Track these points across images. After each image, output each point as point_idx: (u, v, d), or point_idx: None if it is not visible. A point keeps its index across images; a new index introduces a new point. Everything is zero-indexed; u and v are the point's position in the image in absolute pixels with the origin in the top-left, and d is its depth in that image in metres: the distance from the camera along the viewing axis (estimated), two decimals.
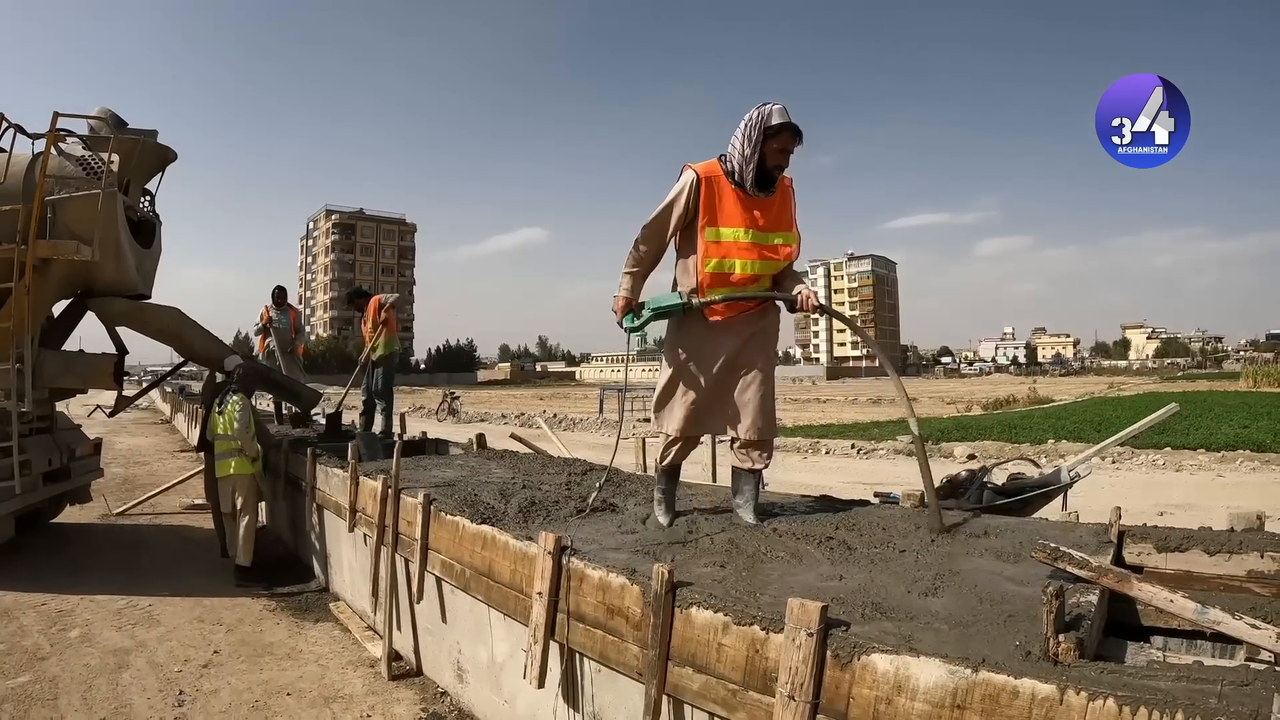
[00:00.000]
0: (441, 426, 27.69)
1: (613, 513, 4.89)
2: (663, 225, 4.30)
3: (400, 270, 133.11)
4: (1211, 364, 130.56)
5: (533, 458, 7.83)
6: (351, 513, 6.55)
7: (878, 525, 4.30)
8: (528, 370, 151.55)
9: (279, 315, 12.93)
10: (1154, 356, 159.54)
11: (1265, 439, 17.88)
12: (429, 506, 5.06)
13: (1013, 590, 3.08)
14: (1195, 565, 3.48)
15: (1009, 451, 18.13)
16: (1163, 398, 38.18)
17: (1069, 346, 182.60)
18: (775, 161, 4.18)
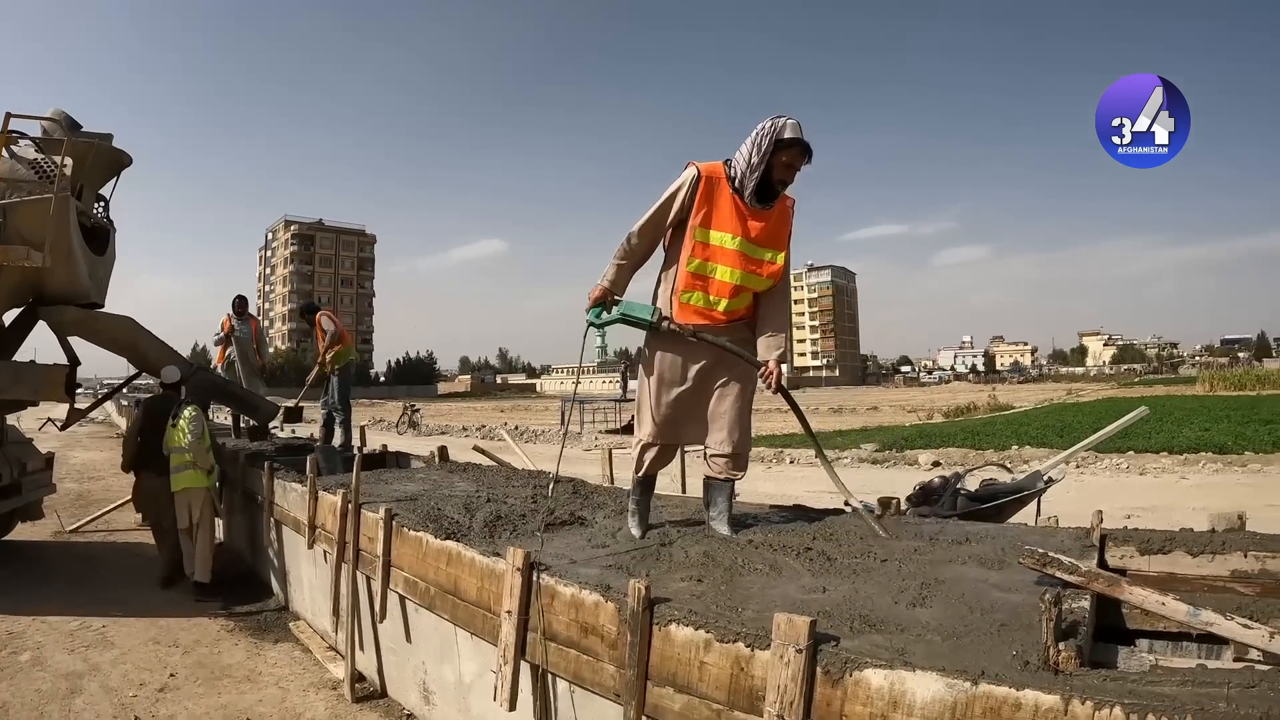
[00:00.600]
0: (402, 439, 27.44)
1: (581, 526, 4.76)
2: (659, 219, 4.23)
3: (360, 282, 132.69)
4: (1167, 369, 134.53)
5: (497, 470, 7.67)
6: (310, 529, 6.36)
7: (855, 535, 4.23)
8: (488, 383, 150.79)
9: (240, 325, 12.64)
10: (1111, 363, 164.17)
11: (1226, 441, 18.31)
12: (391, 522, 4.90)
13: (1000, 598, 3.02)
14: (1178, 567, 3.47)
15: (973, 458, 18.21)
16: (1122, 403, 38.93)
17: (1027, 354, 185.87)
18: (781, 176, 4.12)
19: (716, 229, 4.13)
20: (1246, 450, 17.45)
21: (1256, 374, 60.74)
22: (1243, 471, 15.86)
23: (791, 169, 4.12)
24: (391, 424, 35.93)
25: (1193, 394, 48.33)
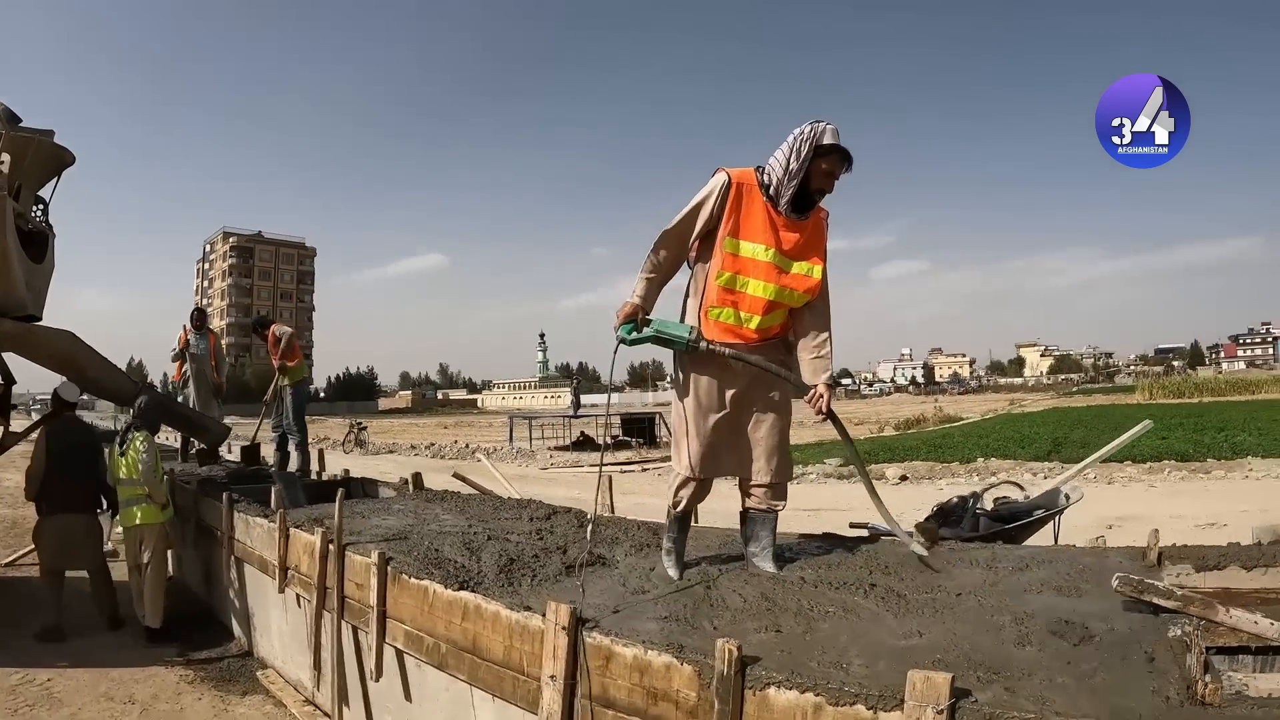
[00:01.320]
0: (349, 459, 26.69)
1: (605, 566, 4.33)
2: (687, 227, 3.92)
3: (299, 295, 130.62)
4: (1104, 379, 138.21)
5: (480, 500, 7.16)
6: (282, 571, 5.79)
7: (909, 566, 3.95)
8: (429, 398, 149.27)
9: (197, 340, 11.88)
10: (1048, 373, 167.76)
11: (1186, 449, 18.69)
12: (385, 567, 4.38)
13: (1100, 628, 2.87)
14: (1233, 582, 3.36)
15: (939, 471, 18.21)
16: (1067, 412, 39.73)
17: (965, 366, 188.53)
18: (819, 184, 3.85)
19: (748, 239, 3.86)
20: (1209, 458, 17.80)
21: (1194, 382, 62.96)
22: (1208, 478, 16.12)
23: (831, 177, 3.86)
24: (337, 442, 35.08)
25: (1134, 403, 49.24)
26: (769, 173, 3.86)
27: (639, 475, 20.37)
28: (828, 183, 3.86)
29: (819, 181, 3.83)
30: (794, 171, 3.78)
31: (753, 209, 3.84)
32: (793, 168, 3.78)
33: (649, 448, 29.55)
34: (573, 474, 22.39)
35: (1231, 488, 14.78)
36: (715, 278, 3.86)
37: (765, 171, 3.88)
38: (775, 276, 3.86)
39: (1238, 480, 15.62)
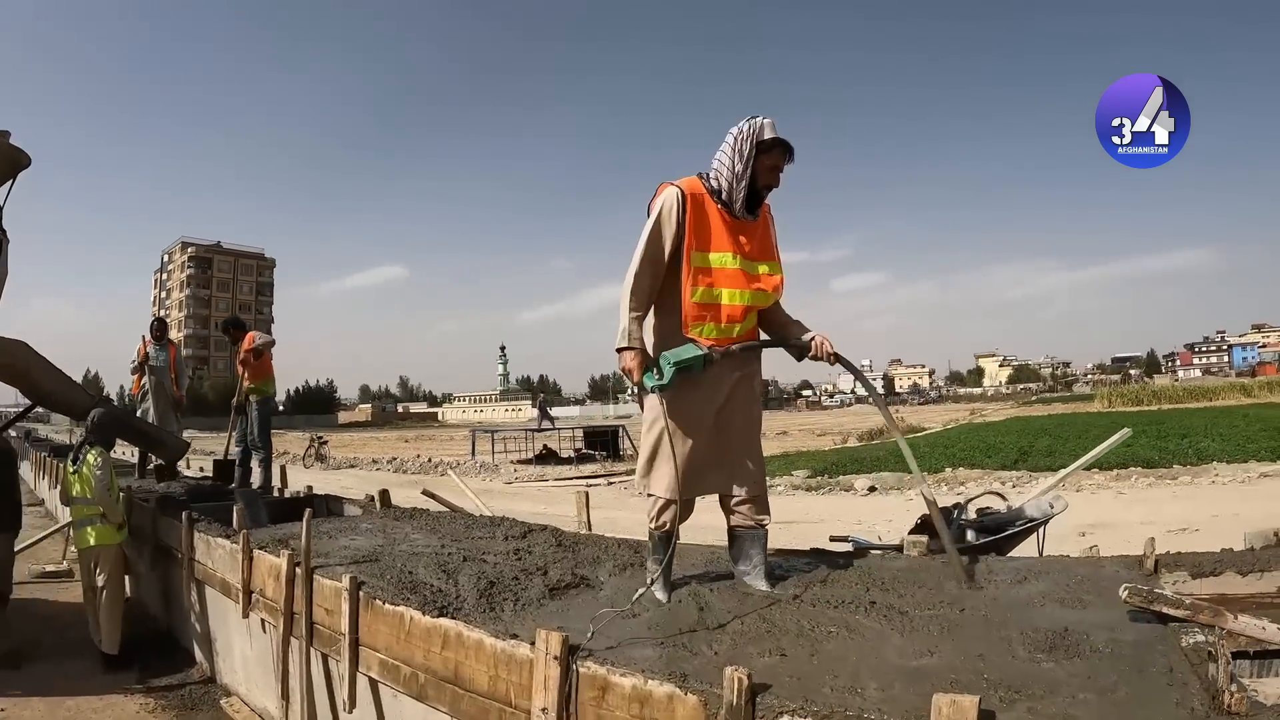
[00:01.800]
0: (310, 474, 26.27)
1: (589, 589, 4.17)
2: (658, 253, 3.79)
3: (258, 307, 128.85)
4: (1062, 387, 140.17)
5: (451, 518, 6.91)
6: (245, 594, 5.52)
7: (908, 581, 3.86)
8: (389, 411, 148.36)
9: (157, 352, 11.49)
10: (1007, 383, 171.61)
11: (1151, 456, 18.83)
12: (358, 593, 4.16)
13: (1111, 638, 2.84)
14: (1229, 587, 3.45)
15: (908, 482, 18.14)
16: (1029, 421, 40.12)
17: (925, 376, 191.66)
18: (766, 181, 3.84)
19: (714, 250, 3.79)
20: (1174, 464, 17.95)
21: (1152, 390, 64.08)
22: (1174, 484, 16.21)
23: (776, 171, 3.86)
24: (297, 456, 34.33)
25: (1094, 411, 49.87)
26: (715, 178, 3.82)
27: (605, 489, 20.19)
28: (773, 178, 3.85)
29: (765, 178, 3.82)
30: (740, 172, 3.75)
31: (710, 218, 3.79)
32: (738, 169, 3.75)
33: (613, 460, 29.42)
34: (538, 488, 22.12)
35: (1199, 493, 14.95)
36: (690, 295, 3.75)
37: (710, 177, 3.84)
38: (746, 282, 3.82)
39: (1204, 486, 15.77)
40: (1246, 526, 10.63)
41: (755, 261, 3.85)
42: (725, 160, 3.78)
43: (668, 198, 3.76)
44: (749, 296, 3.82)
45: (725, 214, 3.78)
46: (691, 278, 3.73)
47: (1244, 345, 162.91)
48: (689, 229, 3.72)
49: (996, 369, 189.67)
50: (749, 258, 3.82)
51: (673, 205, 3.74)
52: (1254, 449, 19.21)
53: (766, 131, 3.75)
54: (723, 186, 3.78)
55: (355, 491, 9.46)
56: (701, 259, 3.74)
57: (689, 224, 3.72)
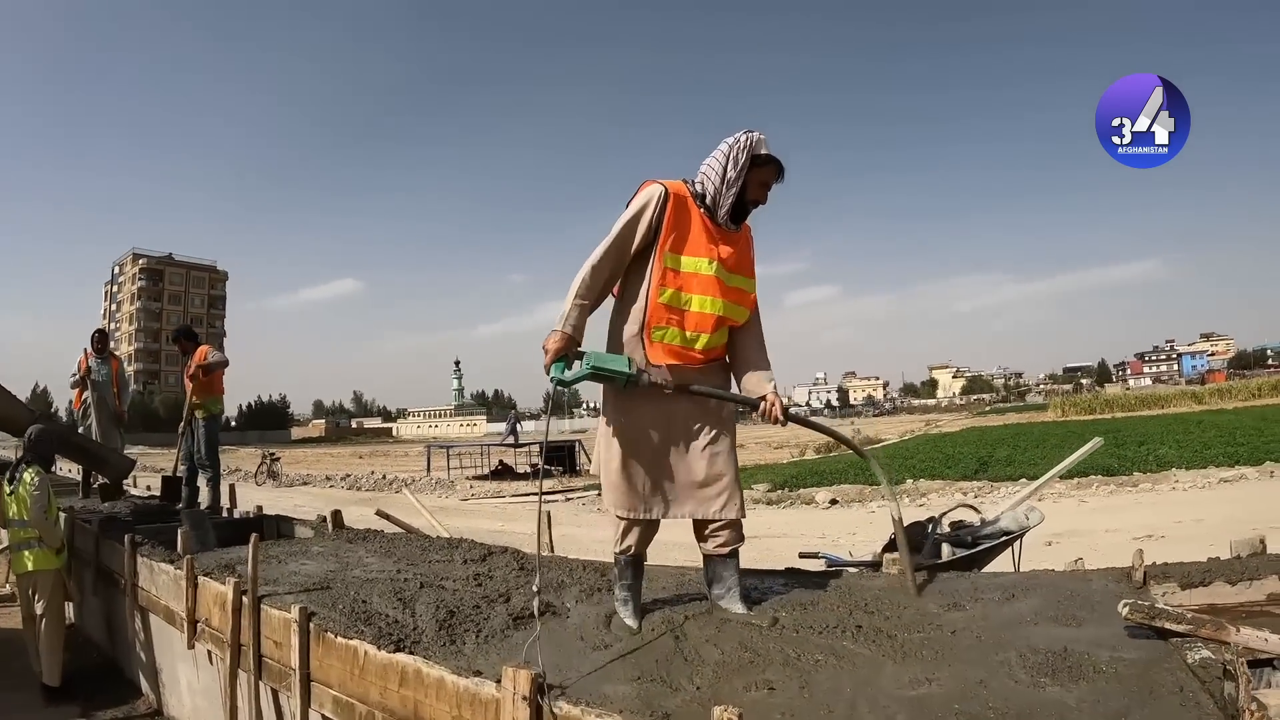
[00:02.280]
0: (261, 491, 25.77)
1: (554, 616, 3.92)
2: (625, 244, 3.62)
3: (210, 320, 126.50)
4: (1015, 397, 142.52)
5: (407, 539, 6.61)
6: (190, 624, 5.21)
7: (891, 601, 3.70)
8: (343, 427, 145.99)
9: (99, 365, 11.01)
10: (961, 394, 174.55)
11: (1111, 463, 18.96)
12: (308, 625, 3.89)
13: (1113, 657, 2.73)
14: (1218, 597, 3.38)
15: (869, 494, 18.20)
16: (985, 431, 40.67)
17: (879, 388, 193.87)
18: (755, 195, 3.71)
19: (690, 254, 3.63)
20: (1134, 471, 18.20)
21: (1104, 399, 64.94)
22: (1135, 491, 16.44)
23: (765, 188, 3.73)
24: (249, 473, 33.78)
25: (1048, 420, 50.57)
26: (703, 183, 3.69)
27: (563, 505, 20.00)
28: (762, 194, 3.73)
29: (754, 193, 3.70)
30: (732, 180, 3.63)
31: (691, 221, 3.65)
32: (730, 176, 3.62)
33: (570, 475, 29.17)
34: (494, 505, 21.83)
35: (1160, 499, 15.15)
36: (657, 295, 3.59)
37: (696, 183, 3.71)
38: (720, 291, 3.65)
39: (1165, 492, 15.98)
40: (1211, 532, 10.79)
41: (733, 274, 3.70)
42: (717, 167, 3.65)
43: (650, 194, 3.62)
44: (722, 306, 3.65)
45: (707, 219, 3.65)
46: (661, 278, 3.58)
47: (1193, 354, 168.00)
48: (666, 228, 3.58)
49: (950, 380, 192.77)
50: (726, 268, 3.67)
51: (654, 200, 3.59)
52: (1211, 455, 19.50)
53: (763, 147, 3.64)
54: (709, 192, 3.65)
55: (308, 510, 9.15)
56: (674, 260, 3.59)
57: (667, 223, 3.58)
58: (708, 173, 3.67)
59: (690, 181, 3.71)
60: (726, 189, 3.61)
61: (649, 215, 3.58)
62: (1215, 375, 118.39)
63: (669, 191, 3.60)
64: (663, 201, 3.58)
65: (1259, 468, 17.55)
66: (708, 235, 3.63)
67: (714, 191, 3.64)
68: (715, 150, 3.69)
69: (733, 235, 3.70)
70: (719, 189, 3.63)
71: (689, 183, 3.71)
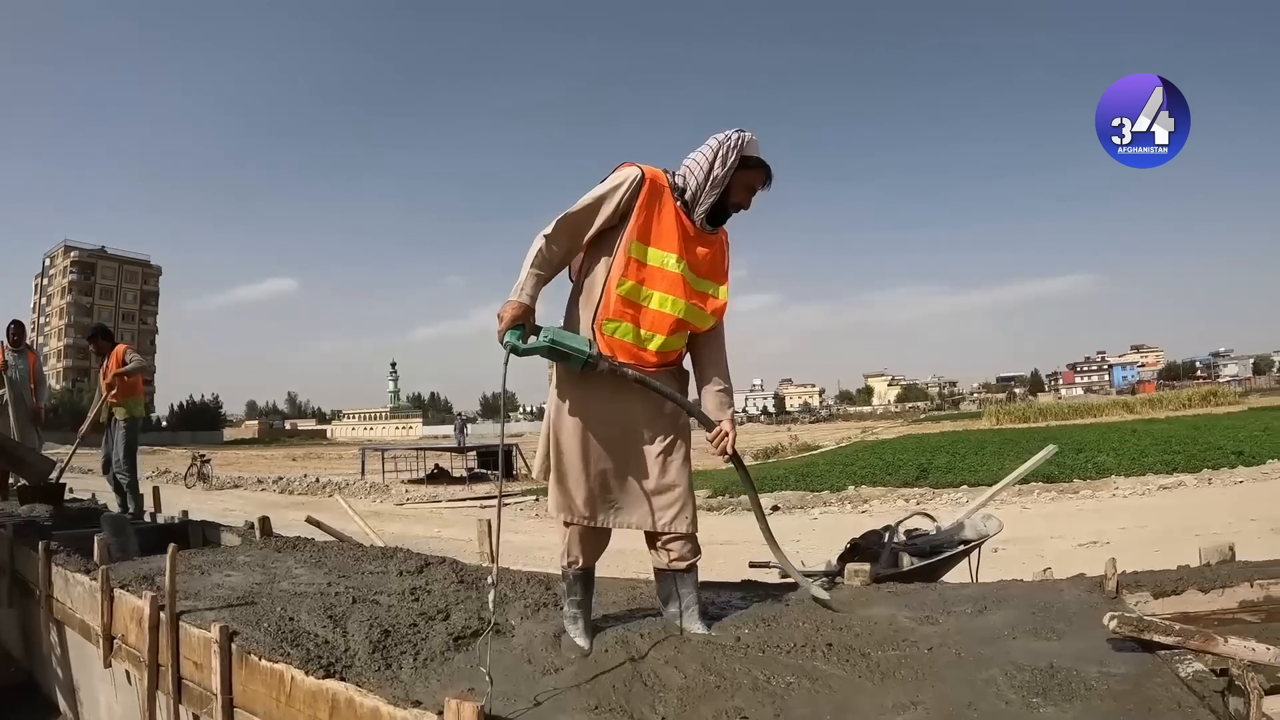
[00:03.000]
0: (191, 494, 25.06)
1: (499, 635, 3.62)
2: (586, 219, 3.38)
3: (143, 317, 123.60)
4: (950, 406, 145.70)
5: (340, 548, 6.24)
6: (107, 640, 4.82)
7: (859, 616, 3.52)
8: (277, 428, 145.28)
9: (15, 359, 10.40)
10: (896, 401, 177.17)
11: (1051, 471, 19.13)
12: (229, 645, 3.54)
13: (1102, 673, 2.61)
14: (1191, 605, 3.39)
15: (811, 500, 18.20)
16: (922, 439, 41.55)
17: (816, 395, 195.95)
18: (739, 198, 3.51)
19: (657, 245, 3.40)
20: (1075, 479, 18.50)
21: (1038, 407, 66.43)
22: (1077, 498, 16.71)
23: (750, 192, 3.54)
24: (179, 475, 32.73)
25: (984, 428, 51.47)
26: (685, 176, 3.46)
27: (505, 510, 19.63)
28: (746, 198, 3.54)
29: (739, 195, 3.51)
30: (718, 179, 3.41)
31: (664, 213, 3.41)
32: (717, 174, 3.41)
33: (508, 480, 28.91)
34: (430, 510, 21.46)
35: (1102, 506, 15.40)
36: (615, 285, 3.35)
37: (678, 175, 3.48)
38: (684, 291, 3.43)
39: (1106, 499, 16.25)
40: (1156, 538, 10.83)
41: (703, 278, 3.50)
42: (703, 162, 3.43)
43: (625, 175, 3.39)
44: (684, 308, 3.43)
45: (683, 215, 3.43)
46: (623, 267, 3.34)
47: (1124, 365, 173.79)
48: (636, 213, 3.35)
49: (885, 388, 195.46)
50: (697, 271, 3.47)
51: (628, 181, 3.36)
52: (1149, 462, 19.95)
53: (755, 149, 3.46)
54: (689, 186, 3.43)
55: (238, 514, 8.75)
56: (639, 250, 3.36)
57: (639, 209, 3.35)
58: (692, 167, 3.46)
59: (671, 173, 3.50)
60: (710, 187, 3.42)
61: (619, 197, 3.35)
62: (1146, 386, 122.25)
63: (646, 176, 3.38)
64: (637, 185, 3.37)
65: (1197, 475, 17.99)
66: (680, 231, 3.42)
67: (695, 188, 3.43)
68: (702, 145, 3.49)
69: (708, 237, 3.51)
70: (701, 186, 3.42)
71: (669, 173, 3.49)
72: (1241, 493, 15.73)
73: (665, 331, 3.42)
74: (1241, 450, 20.53)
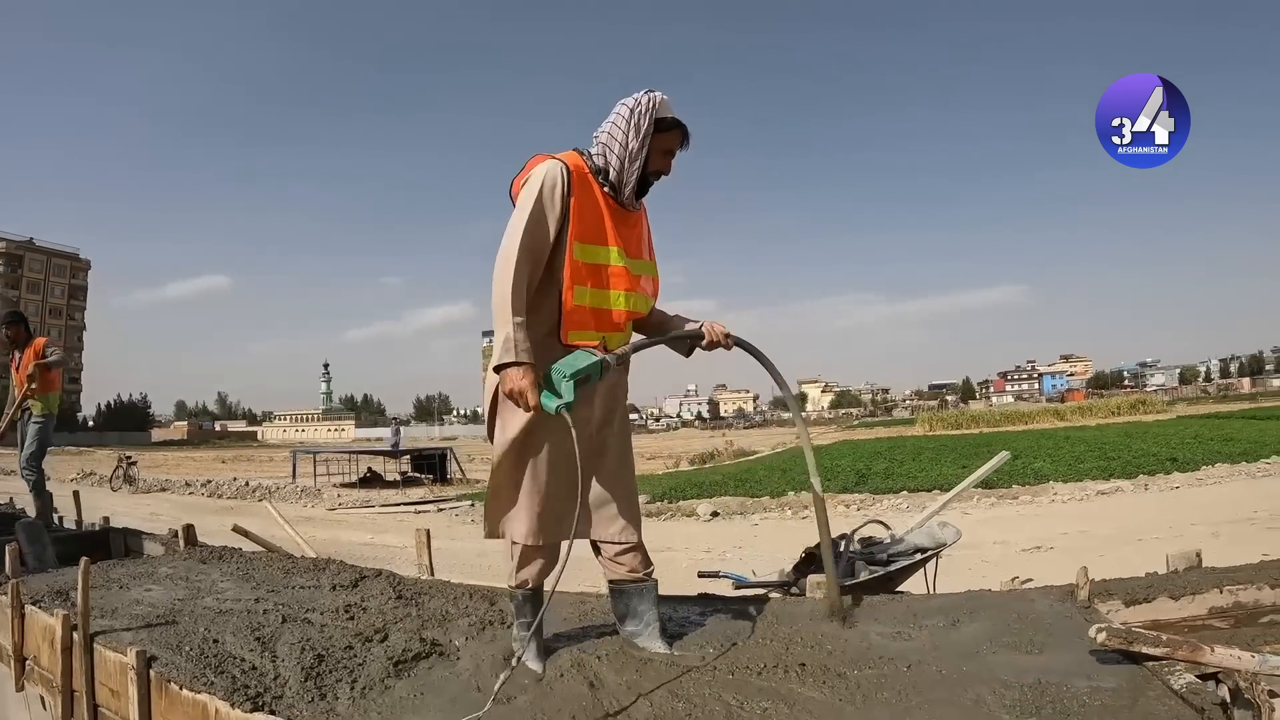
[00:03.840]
0: (117, 497, 24.31)
1: (440, 657, 3.35)
2: (540, 241, 3.04)
3: (70, 313, 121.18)
4: (883, 412, 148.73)
5: (269, 559, 5.87)
6: (19, 662, 4.44)
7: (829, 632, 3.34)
8: (206, 429, 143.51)
9: None
10: (829, 407, 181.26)
11: (990, 477, 18.80)
12: (147, 672, 3.20)
13: (1091, 687, 2.51)
14: (1162, 612, 3.34)
15: (751, 506, 18.23)
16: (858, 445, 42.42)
17: (750, 401, 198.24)
18: (658, 166, 3.24)
19: (598, 242, 3.14)
20: (1014, 484, 18.68)
21: (970, 414, 67.94)
22: (1017, 504, 16.95)
23: (669, 157, 3.28)
24: (104, 477, 32.05)
25: (917, 434, 52.41)
26: (604, 156, 3.19)
27: (435, 515, 19.48)
28: (666, 164, 3.27)
29: (658, 163, 3.24)
30: (635, 151, 3.15)
31: (593, 203, 3.15)
32: (633, 147, 3.15)
33: (442, 484, 28.64)
34: (362, 515, 20.99)
35: (1041, 511, 15.65)
36: (573, 296, 3.06)
37: (594, 155, 3.22)
38: (628, 283, 3.20)
39: (1046, 504, 16.50)
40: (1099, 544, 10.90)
41: (635, 260, 3.26)
42: (618, 136, 3.15)
43: (550, 172, 3.05)
44: (636, 301, 3.24)
45: (611, 200, 3.17)
46: (574, 275, 3.05)
47: (1053, 374, 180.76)
48: (573, 214, 3.05)
49: (819, 394, 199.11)
50: (630, 255, 3.23)
51: (556, 181, 3.04)
52: (1086, 468, 20.29)
53: (668, 109, 3.18)
54: (611, 166, 3.16)
55: (165, 519, 8.33)
56: (585, 251, 3.08)
57: (574, 208, 3.05)
58: (608, 143, 3.19)
59: (585, 153, 3.23)
60: (630, 161, 3.15)
61: (559, 201, 3.04)
62: (1075, 394, 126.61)
63: (569, 168, 3.09)
64: (567, 180, 3.07)
65: (1133, 480, 18.39)
66: (612, 217, 3.17)
67: (618, 166, 3.16)
68: (611, 115, 3.21)
69: (634, 214, 3.28)
70: (624, 163, 3.16)
71: (584, 154, 3.23)
72: (1179, 498, 16.09)
73: (623, 328, 3.23)
74: (1175, 456, 21.05)
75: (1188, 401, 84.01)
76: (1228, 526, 11.46)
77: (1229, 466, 19.45)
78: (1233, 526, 11.48)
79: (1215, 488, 17.12)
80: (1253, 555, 3.94)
